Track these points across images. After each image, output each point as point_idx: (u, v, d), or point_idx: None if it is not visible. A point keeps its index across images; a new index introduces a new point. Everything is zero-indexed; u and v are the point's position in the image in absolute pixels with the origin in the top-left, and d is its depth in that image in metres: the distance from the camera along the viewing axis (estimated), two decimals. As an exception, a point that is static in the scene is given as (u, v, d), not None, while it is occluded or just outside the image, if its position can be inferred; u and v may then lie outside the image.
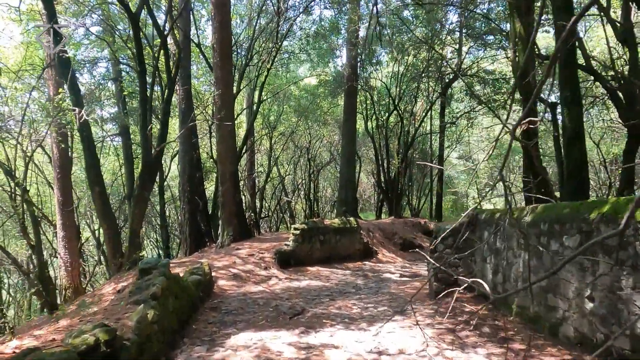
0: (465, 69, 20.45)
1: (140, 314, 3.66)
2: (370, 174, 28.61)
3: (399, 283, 9.08)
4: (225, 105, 10.34)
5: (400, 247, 15.05)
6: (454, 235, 6.72)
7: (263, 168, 26.16)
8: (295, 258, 10.27)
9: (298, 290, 7.79)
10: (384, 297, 7.39)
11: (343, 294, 7.68)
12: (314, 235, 10.82)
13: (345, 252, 11.82)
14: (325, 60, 21.06)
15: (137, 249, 9.75)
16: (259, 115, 21.22)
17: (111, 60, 17.49)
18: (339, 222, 11.83)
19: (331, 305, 6.52)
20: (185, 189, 13.37)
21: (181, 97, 12.83)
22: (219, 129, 10.65)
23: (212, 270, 8.61)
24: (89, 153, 9.30)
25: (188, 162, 13.40)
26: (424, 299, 6.96)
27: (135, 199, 9.49)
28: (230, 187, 10.89)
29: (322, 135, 25.31)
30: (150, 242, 28.07)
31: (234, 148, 11.21)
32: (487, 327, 5.12)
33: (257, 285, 8.22)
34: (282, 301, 6.77)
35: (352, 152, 17.98)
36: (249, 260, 9.72)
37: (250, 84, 16.93)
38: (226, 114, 10.22)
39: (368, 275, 10.06)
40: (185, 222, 13.28)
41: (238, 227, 11.22)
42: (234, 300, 6.78)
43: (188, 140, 13.44)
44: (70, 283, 12.08)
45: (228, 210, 11.03)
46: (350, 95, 17.91)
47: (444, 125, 21.39)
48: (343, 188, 17.56)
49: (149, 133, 8.72)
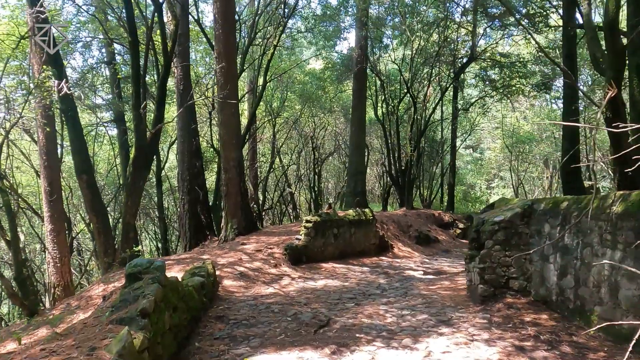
0: (480, 52, 19.29)
1: (123, 342, 2.60)
2: (374, 164, 27.51)
3: (426, 282, 8.05)
4: (228, 82, 9.19)
5: (415, 241, 14.02)
6: (506, 229, 5.65)
7: (265, 158, 25.06)
8: (307, 254, 9.22)
9: (316, 293, 6.74)
10: (416, 300, 6.35)
11: (368, 296, 6.64)
12: (327, 228, 9.77)
13: (360, 246, 10.79)
14: (332, 43, 19.82)
15: (131, 245, 8.69)
16: (261, 102, 20.09)
17: (104, 41, 16.30)
18: (354, 214, 10.78)
19: (360, 313, 5.47)
20: (184, 179, 12.28)
21: (179, 77, 11.69)
22: (222, 109, 9.53)
23: (216, 268, 7.56)
24: (75, 135, 8.20)
25: (187, 150, 12.29)
26: (466, 304, 5.92)
27: (128, 188, 8.41)
28: (234, 175, 9.81)
29: (327, 123, 24.16)
30: (148, 235, 27.08)
31: (238, 131, 10.09)
32: (566, 346, 4.07)
33: (267, 286, 7.17)
34: (301, 307, 5.72)
35: (362, 139, 16.87)
36: (256, 256, 8.67)
37: (253, 66, 15.75)
38: (230, 92, 9.09)
39: (389, 273, 9.03)
40: (185, 214, 12.20)
41: (243, 220, 10.16)
42: (244, 306, 5.73)
43: (187, 127, 12.32)
44: (59, 280, 11.03)
45: (232, 201, 9.96)
46: (360, 79, 16.76)
47: (457, 112, 20.24)
48: (352, 178, 16.47)
49: (143, 112, 7.61)
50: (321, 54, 20.97)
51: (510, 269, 5.63)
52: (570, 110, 8.83)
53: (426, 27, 17.81)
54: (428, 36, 18.51)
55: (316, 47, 20.62)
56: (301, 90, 20.61)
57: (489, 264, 5.67)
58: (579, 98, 9.21)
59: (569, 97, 8.91)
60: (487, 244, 5.73)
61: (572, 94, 8.89)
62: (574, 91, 8.91)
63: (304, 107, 21.35)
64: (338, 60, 19.55)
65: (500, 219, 5.67)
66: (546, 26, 16.73)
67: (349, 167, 17.17)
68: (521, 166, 28.50)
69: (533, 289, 5.48)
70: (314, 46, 21.04)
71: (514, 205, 6.03)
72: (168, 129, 20.74)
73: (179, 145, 12.35)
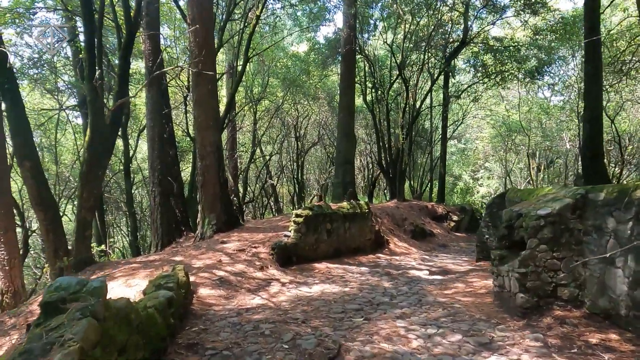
0: (472, 36, 18.27)
1: None
2: (358, 154, 26.39)
3: (437, 285, 6.95)
4: (203, 49, 7.77)
5: (411, 235, 12.98)
6: (554, 224, 4.54)
7: (245, 148, 23.63)
8: (297, 253, 7.99)
9: (313, 303, 5.52)
10: (436, 311, 5.22)
11: (376, 306, 5.47)
12: (319, 223, 8.55)
13: (355, 243, 9.63)
14: (318, 23, 18.46)
15: (88, 244, 7.28)
16: (241, 86, 18.63)
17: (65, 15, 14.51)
18: (348, 206, 9.59)
19: (374, 334, 4.28)
20: (155, 168, 10.81)
21: (147, 52, 10.18)
22: (197, 86, 8.14)
23: (190, 273, 6.26)
24: (16, 114, 6.70)
25: (158, 135, 10.81)
26: (500, 317, 4.81)
27: (83, 177, 6.97)
28: (212, 162, 8.46)
29: (312, 111, 22.85)
30: (120, 231, 25.35)
31: (216, 111, 8.69)
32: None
33: (253, 295, 5.91)
34: (298, 326, 4.49)
35: (351, 126, 15.65)
36: (238, 257, 7.39)
37: (232, 44, 14.29)
38: (206, 63, 7.70)
39: (391, 274, 7.89)
40: (156, 208, 10.76)
41: (223, 214, 8.84)
42: (225, 327, 4.46)
43: (158, 108, 10.84)
44: (8, 286, 9.47)
45: (210, 193, 8.61)
46: (349, 61, 15.49)
47: (448, 99, 19.23)
48: (340, 168, 15.23)
49: (99, 85, 6.18)
50: (305, 36, 19.61)
51: (559, 273, 4.54)
52: (593, 89, 7.83)
53: (417, 8, 16.69)
54: (419, 19, 17.43)
55: (300, 27, 19.24)
56: (284, 74, 19.21)
57: (532, 267, 4.57)
58: (602, 77, 8.23)
59: (591, 76, 7.91)
60: (530, 243, 4.61)
61: (595, 72, 7.89)
62: (597, 69, 7.92)
63: (287, 93, 19.97)
64: (324, 42, 18.21)
65: (547, 212, 4.55)
66: (543, 6, 15.87)
67: (336, 156, 15.95)
68: (509, 157, 27.91)
69: (588, 299, 4.40)
70: (298, 27, 19.67)
71: (557, 194, 4.93)
72: (139, 115, 19.10)
73: (149, 130, 10.86)
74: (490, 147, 27.62)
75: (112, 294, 6.22)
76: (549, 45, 17.59)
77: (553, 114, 22.90)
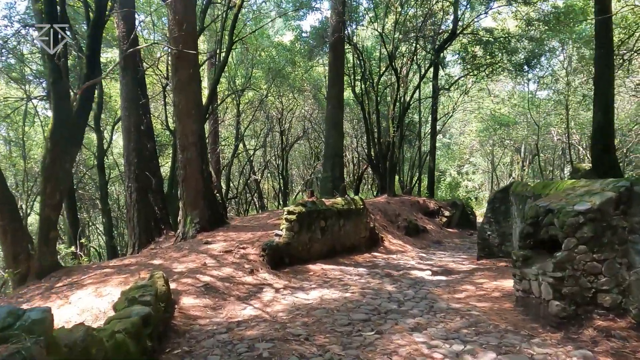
0: (462, 27, 17.78)
1: None
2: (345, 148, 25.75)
3: (444, 288, 6.37)
4: (183, 24, 6.92)
5: (405, 232, 12.41)
6: (594, 221, 3.95)
7: (228, 142, 22.71)
8: (290, 253, 7.29)
9: (313, 313, 4.83)
10: (454, 320, 4.61)
11: (385, 315, 4.83)
12: (314, 220, 7.86)
13: (350, 241, 9.00)
14: (304, 12, 17.67)
15: (54, 247, 6.43)
16: (223, 77, 17.71)
17: (30, -3, 13.35)
18: (343, 202, 8.93)
19: (393, 352, 3.63)
20: (131, 162, 9.91)
21: (122, 35, 9.25)
22: (177, 70, 7.30)
23: (171, 279, 5.50)
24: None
25: (134, 126, 9.90)
26: (530, 326, 4.22)
27: (46, 170, 6.11)
28: (194, 155, 7.65)
29: (296, 104, 22.04)
30: (97, 230, 24.14)
31: (198, 98, 7.85)
32: None
33: (244, 304, 5.19)
34: (301, 344, 3.80)
35: (340, 118, 14.97)
36: (225, 259, 6.64)
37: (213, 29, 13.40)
38: (187, 39, 6.87)
39: (392, 275, 7.28)
40: (132, 205, 9.88)
41: (207, 212, 8.05)
42: (213, 348, 3.74)
43: (133, 97, 9.93)
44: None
45: (193, 188, 7.81)
46: (337, 49, 14.79)
47: (437, 91, 18.72)
48: (329, 161, 14.54)
49: (61, 63, 5.33)
50: (291, 25, 18.79)
51: (600, 278, 3.96)
52: (605, 74, 7.35)
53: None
54: (409, 9, 16.85)
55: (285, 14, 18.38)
56: (268, 64, 18.35)
57: (569, 271, 3.98)
58: (614, 61, 7.76)
59: (603, 59, 7.42)
60: (567, 243, 4.02)
61: (607, 55, 7.40)
62: (609, 53, 7.44)
63: (272, 84, 19.13)
64: (311, 30, 17.43)
65: (587, 208, 3.96)
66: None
67: (325, 149, 15.25)
68: (496, 152, 27.74)
69: (634, 307, 3.84)
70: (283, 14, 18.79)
71: (591, 187, 4.35)
72: (114, 106, 17.99)
73: (124, 120, 9.93)
74: (477, 141, 27.37)
75: (80, 306, 5.40)
76: (540, 36, 17.24)
77: (541, 107, 22.72)
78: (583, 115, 21.50)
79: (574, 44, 18.30)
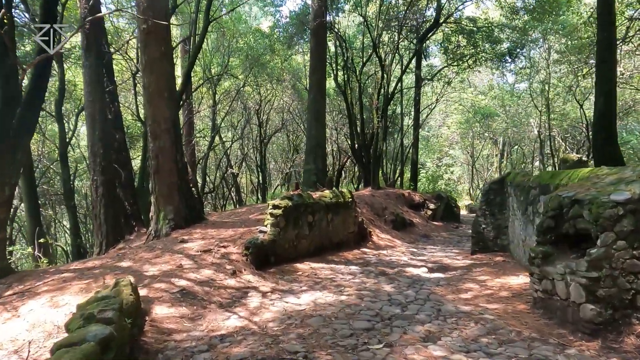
0: (445, 15, 17.35)
1: None
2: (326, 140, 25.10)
3: (445, 287, 5.87)
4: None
5: (392, 226, 11.92)
6: (634, 213, 3.45)
7: (203, 134, 21.72)
8: (276, 252, 6.62)
9: (308, 322, 4.20)
10: (469, 327, 4.07)
11: (389, 322, 4.25)
12: (301, 215, 7.21)
13: (338, 237, 8.41)
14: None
15: (3, 251, 5.57)
16: (198, 65, 16.75)
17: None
18: (331, 195, 8.30)
19: (411, 372, 3.03)
20: (97, 153, 8.98)
21: (83, 9, 8.28)
22: (146, 46, 6.47)
23: (142, 285, 4.76)
24: None
25: (99, 113, 8.96)
26: (557, 332, 3.72)
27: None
28: (168, 143, 6.86)
29: (275, 95, 21.23)
30: (63, 228, 22.79)
31: (170, 78, 7.01)
32: None
33: (227, 312, 4.50)
34: (300, 364, 3.16)
35: (323, 107, 14.31)
36: (204, 260, 5.92)
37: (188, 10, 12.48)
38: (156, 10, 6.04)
39: (387, 273, 6.72)
40: (99, 200, 8.97)
41: (182, 207, 7.27)
42: (193, 372, 3.06)
43: (98, 79, 8.96)
44: None
45: (166, 181, 7.02)
46: (319, 35, 14.08)
47: (420, 82, 18.29)
48: (311, 153, 13.87)
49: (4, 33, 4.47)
50: (269, 11, 17.97)
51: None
52: (608, 59, 6.96)
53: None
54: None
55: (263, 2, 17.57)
56: (246, 52, 17.48)
57: (606, 271, 3.47)
58: (616, 46, 7.39)
59: (604, 44, 7.03)
60: (604, 238, 3.51)
61: (608, 38, 7.01)
62: (610, 35, 7.05)
63: (249, 73, 18.26)
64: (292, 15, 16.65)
65: (626, 198, 3.46)
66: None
67: (307, 140, 14.56)
68: (476, 145, 27.68)
69: (679, 310, 3.37)
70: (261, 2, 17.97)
71: (622, 175, 3.86)
72: (79, 95, 16.75)
73: (87, 107, 8.95)
74: (457, 133, 27.22)
75: (31, 320, 4.54)
76: (524, 26, 17.01)
77: (522, 99, 22.64)
78: (561, 107, 21.57)
79: (555, 34, 18.17)
